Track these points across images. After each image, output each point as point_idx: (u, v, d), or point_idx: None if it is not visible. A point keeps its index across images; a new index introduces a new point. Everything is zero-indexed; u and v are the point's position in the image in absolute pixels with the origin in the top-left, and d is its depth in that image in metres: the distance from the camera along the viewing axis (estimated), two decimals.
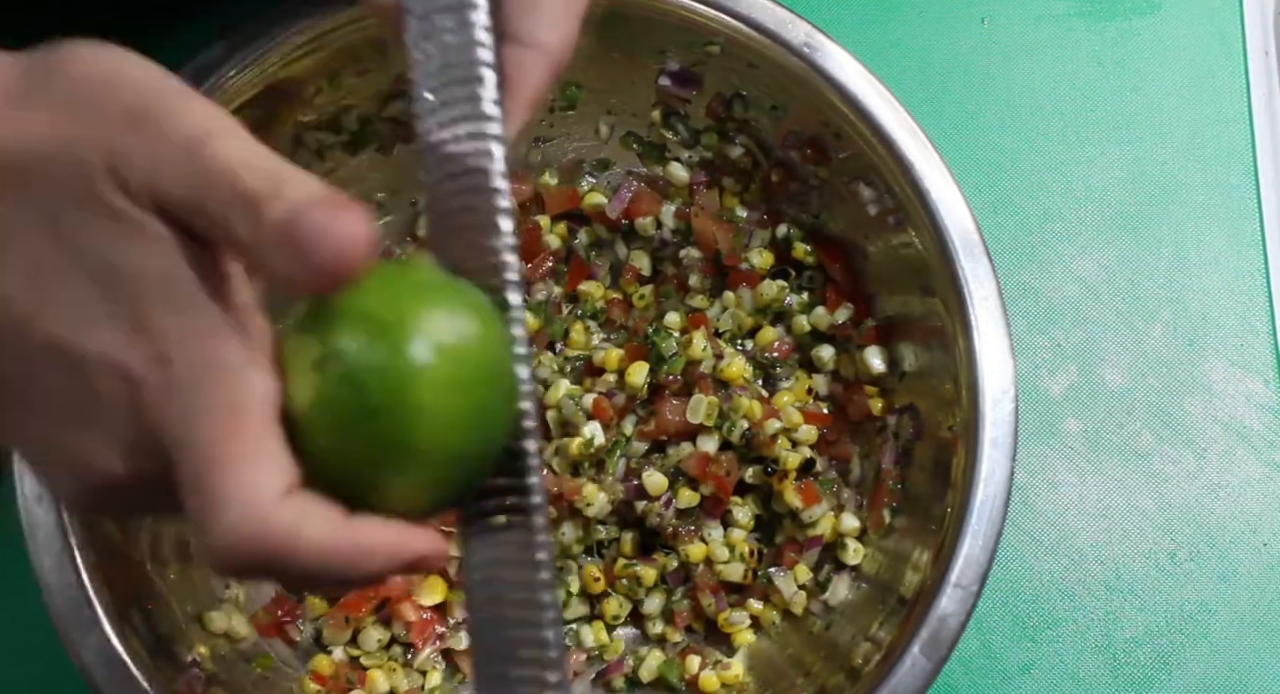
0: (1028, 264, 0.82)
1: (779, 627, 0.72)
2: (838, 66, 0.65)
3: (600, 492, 0.70)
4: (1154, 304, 0.82)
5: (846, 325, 0.72)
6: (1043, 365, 0.81)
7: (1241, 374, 0.80)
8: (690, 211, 0.75)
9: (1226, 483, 0.79)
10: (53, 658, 0.59)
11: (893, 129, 0.64)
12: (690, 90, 0.71)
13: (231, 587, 0.70)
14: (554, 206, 0.77)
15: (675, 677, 0.71)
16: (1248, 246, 0.82)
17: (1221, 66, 0.86)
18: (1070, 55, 0.86)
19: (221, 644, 0.67)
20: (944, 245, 0.63)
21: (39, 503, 0.58)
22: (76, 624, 0.57)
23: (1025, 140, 0.84)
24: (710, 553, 0.72)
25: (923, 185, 0.64)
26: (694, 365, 0.72)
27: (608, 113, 0.75)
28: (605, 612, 0.73)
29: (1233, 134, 0.84)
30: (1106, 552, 0.78)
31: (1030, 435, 0.79)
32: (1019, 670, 0.76)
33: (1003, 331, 0.62)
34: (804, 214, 0.73)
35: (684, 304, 0.76)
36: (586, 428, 0.70)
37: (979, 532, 0.60)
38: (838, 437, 0.73)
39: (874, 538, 0.70)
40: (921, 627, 0.60)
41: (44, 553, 0.58)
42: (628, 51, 0.70)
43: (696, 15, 0.66)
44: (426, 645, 0.71)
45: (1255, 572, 0.77)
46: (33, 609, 0.59)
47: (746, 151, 0.73)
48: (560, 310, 0.76)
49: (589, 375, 0.74)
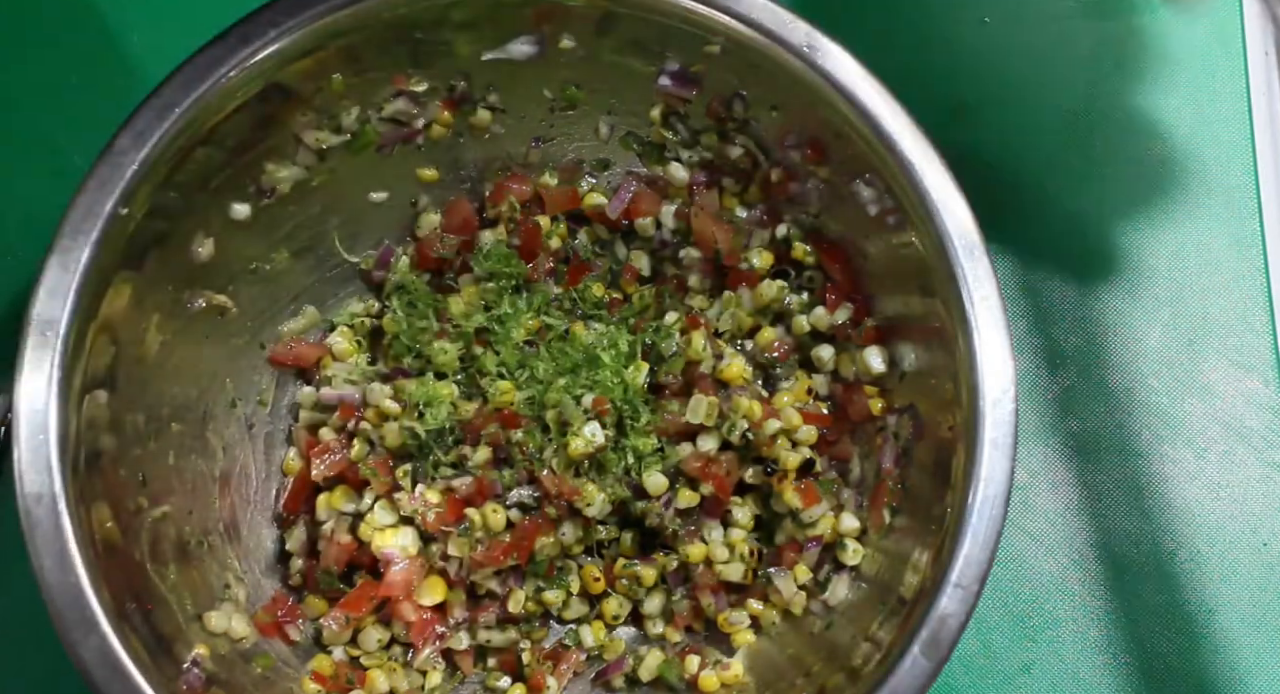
0: (1028, 264, 0.82)
1: (779, 627, 0.72)
2: (838, 66, 0.65)
3: (600, 492, 0.70)
4: (1154, 304, 0.82)
5: (846, 325, 0.72)
6: (1043, 365, 0.81)
7: (1241, 374, 0.80)
8: (690, 211, 0.75)
9: (1226, 483, 0.79)
10: (53, 658, 0.59)
11: (893, 129, 0.64)
12: (690, 90, 0.71)
13: (231, 586, 0.70)
14: (554, 206, 0.77)
15: (675, 676, 0.71)
16: (1248, 246, 0.82)
17: (1221, 66, 0.86)
18: (1070, 55, 0.86)
19: (221, 644, 0.67)
20: (944, 245, 0.63)
21: (39, 503, 0.58)
22: (76, 624, 0.58)
23: (1025, 140, 0.84)
24: (710, 553, 0.72)
25: (923, 185, 0.64)
26: (694, 365, 0.72)
27: (608, 113, 0.75)
28: (605, 612, 0.73)
29: (1233, 134, 0.84)
30: (1106, 552, 0.78)
31: (1030, 435, 0.79)
32: (1019, 670, 0.76)
33: (1003, 332, 0.62)
34: (804, 214, 0.73)
35: (684, 304, 0.76)
36: (587, 428, 0.70)
37: (979, 532, 0.60)
38: (838, 437, 0.73)
39: (874, 538, 0.70)
40: (921, 627, 0.60)
41: (44, 553, 0.58)
42: (628, 51, 0.70)
43: (696, 15, 0.66)
44: (426, 645, 0.71)
45: (1255, 572, 0.77)
46: (33, 609, 0.59)
47: (746, 152, 0.73)
48: (560, 310, 0.76)
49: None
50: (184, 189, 0.65)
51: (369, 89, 0.70)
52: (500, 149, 0.76)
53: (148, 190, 0.63)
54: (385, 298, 0.77)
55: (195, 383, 0.71)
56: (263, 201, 0.71)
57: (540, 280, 0.76)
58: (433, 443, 0.71)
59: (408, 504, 0.70)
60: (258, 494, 0.75)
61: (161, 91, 0.62)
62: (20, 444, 0.58)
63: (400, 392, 0.72)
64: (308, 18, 0.64)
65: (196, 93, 0.63)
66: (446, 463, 0.71)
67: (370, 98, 0.71)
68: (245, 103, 0.65)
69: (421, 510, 0.69)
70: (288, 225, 0.73)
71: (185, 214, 0.67)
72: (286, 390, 0.77)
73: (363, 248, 0.77)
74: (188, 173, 0.65)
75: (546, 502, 0.70)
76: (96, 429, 0.62)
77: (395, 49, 0.69)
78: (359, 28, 0.66)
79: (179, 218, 0.66)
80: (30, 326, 0.59)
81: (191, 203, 0.66)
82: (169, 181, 0.64)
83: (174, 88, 0.63)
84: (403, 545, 0.70)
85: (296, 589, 0.73)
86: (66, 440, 0.59)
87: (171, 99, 0.62)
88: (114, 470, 0.64)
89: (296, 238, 0.74)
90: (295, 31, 0.64)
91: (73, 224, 0.61)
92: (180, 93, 0.62)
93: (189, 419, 0.70)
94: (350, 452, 0.72)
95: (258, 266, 0.73)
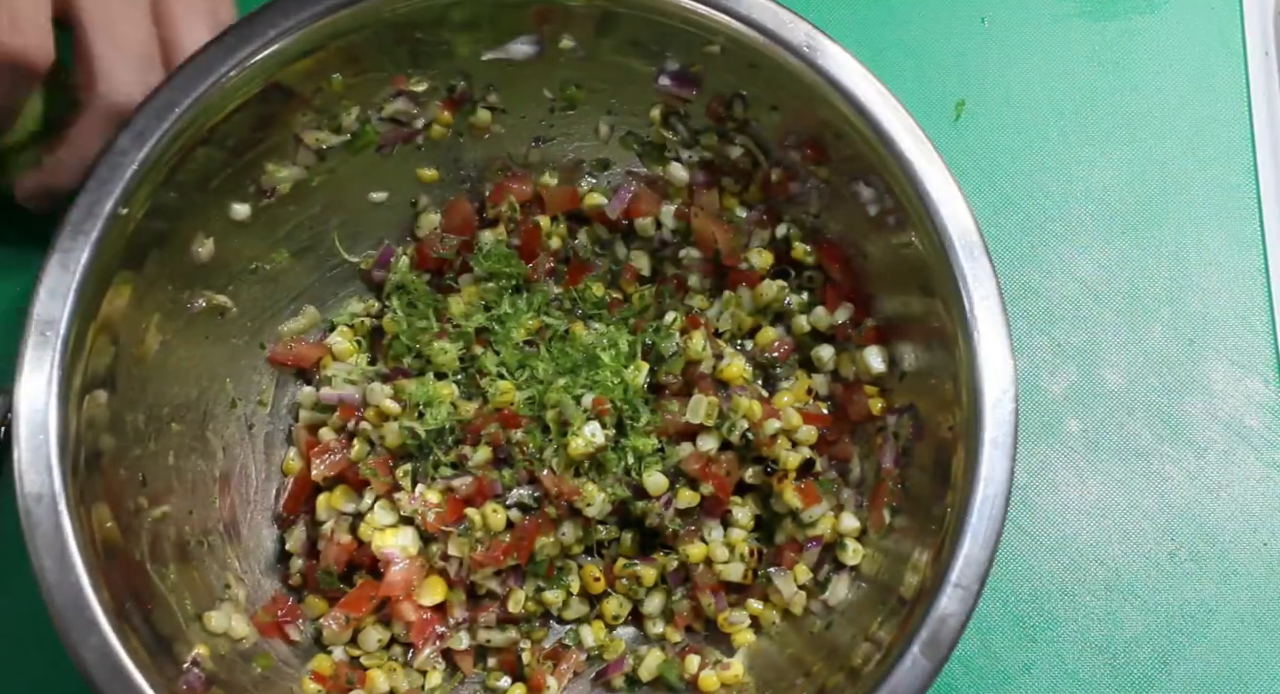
0: (1028, 264, 0.82)
1: (779, 627, 0.72)
2: (838, 66, 0.65)
3: (600, 492, 0.70)
4: (1154, 304, 0.82)
5: (846, 325, 0.72)
6: (1043, 365, 0.81)
7: (1241, 374, 0.80)
8: (690, 211, 0.75)
9: (1226, 483, 0.79)
10: (53, 658, 0.59)
11: (893, 129, 0.64)
12: (690, 90, 0.71)
13: (231, 586, 0.70)
14: (554, 206, 0.77)
15: (675, 676, 0.71)
16: (1248, 246, 0.82)
17: (1221, 66, 0.86)
18: (1070, 55, 0.86)
19: (221, 644, 0.67)
20: (944, 245, 0.63)
21: (39, 503, 0.58)
22: (76, 624, 0.57)
23: (1025, 140, 0.84)
24: (710, 553, 0.72)
25: (923, 185, 0.64)
26: (694, 365, 0.72)
27: (608, 113, 0.75)
28: (605, 612, 0.73)
29: (1233, 134, 0.84)
30: (1106, 552, 0.78)
31: (1030, 435, 0.79)
32: (1019, 670, 0.76)
33: (1003, 332, 0.62)
34: (804, 214, 0.73)
35: (684, 304, 0.76)
36: (587, 428, 0.70)
37: (979, 532, 0.60)
38: (838, 437, 0.73)
39: (874, 538, 0.70)
40: (921, 627, 0.60)
41: (44, 553, 0.58)
42: (628, 51, 0.70)
43: (696, 15, 0.66)
44: (426, 645, 0.71)
45: (1255, 572, 0.77)
46: (33, 609, 0.59)
47: (746, 151, 0.73)
48: (560, 310, 0.76)
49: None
50: (184, 189, 0.65)
51: (369, 89, 0.70)
52: (500, 149, 0.76)
53: (148, 190, 0.63)
54: (385, 298, 0.77)
55: (195, 383, 0.71)
56: (263, 201, 0.71)
57: (540, 280, 0.76)
58: (433, 443, 0.71)
59: (408, 504, 0.70)
60: (258, 494, 0.75)
61: (161, 91, 0.63)
62: (20, 444, 0.58)
63: (400, 392, 0.72)
64: (308, 18, 0.64)
65: (196, 93, 0.63)
66: (446, 463, 0.71)
67: (370, 98, 0.71)
68: (245, 103, 0.65)
69: (421, 510, 0.69)
70: (288, 225, 0.73)
71: (185, 214, 0.67)
72: (286, 390, 0.77)
73: (363, 248, 0.77)
74: (188, 173, 0.65)
75: (546, 502, 0.70)
76: (96, 429, 0.62)
77: (395, 49, 0.69)
78: (359, 28, 0.66)
79: (179, 218, 0.66)
80: (30, 326, 0.59)
81: (191, 203, 0.66)
82: (169, 181, 0.64)
83: (174, 88, 0.63)
84: (403, 545, 0.70)
85: (296, 589, 0.73)
86: (66, 440, 0.59)
87: (171, 99, 0.62)
88: (114, 470, 0.64)
89: (296, 238, 0.74)
90: (295, 31, 0.64)
91: (73, 224, 0.61)
92: (180, 93, 0.62)
93: (189, 419, 0.70)
94: (350, 452, 0.72)
95: (258, 266, 0.73)
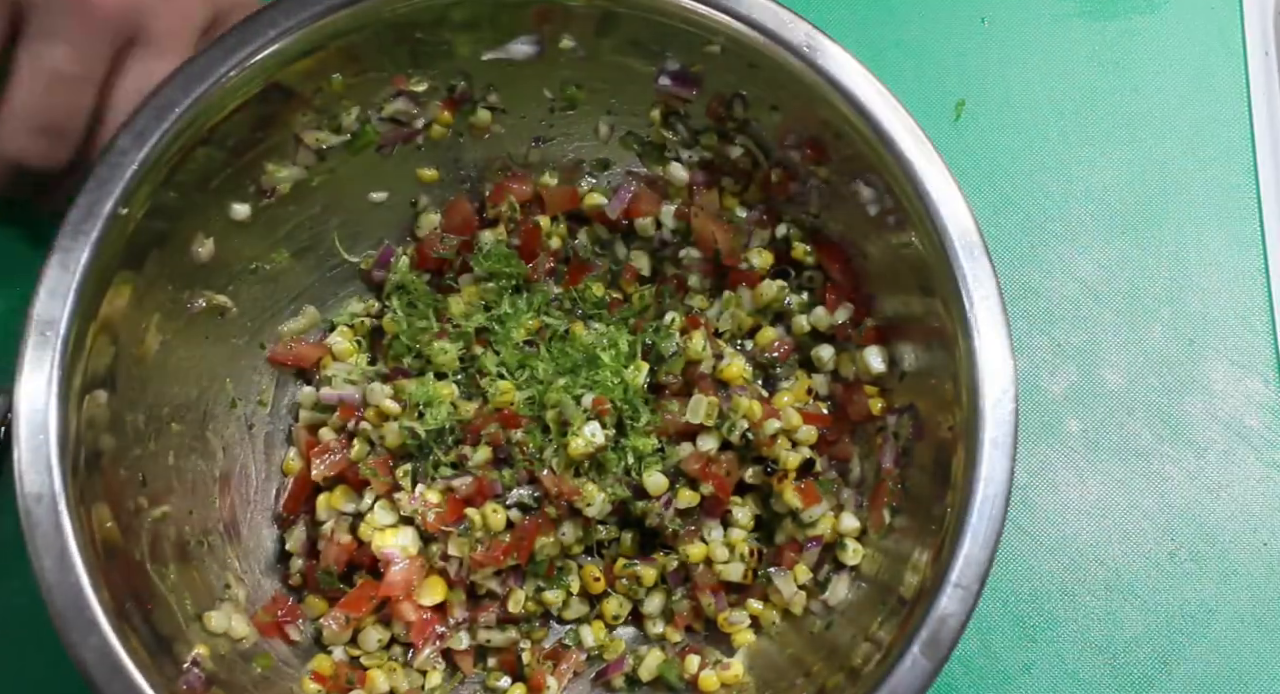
0: (1028, 264, 0.82)
1: (779, 627, 0.72)
2: (838, 66, 0.65)
3: (600, 492, 0.70)
4: (1154, 304, 0.82)
5: (846, 325, 0.72)
6: (1043, 365, 0.81)
7: (1241, 374, 0.80)
8: (690, 211, 0.75)
9: (1226, 483, 0.79)
10: (53, 658, 0.59)
11: (893, 129, 0.64)
12: (690, 90, 0.71)
13: (231, 586, 0.70)
14: (554, 206, 0.77)
15: (675, 676, 0.71)
16: (1248, 246, 0.82)
17: (1221, 66, 0.86)
18: (1070, 55, 0.86)
19: (221, 644, 0.67)
20: (944, 245, 0.63)
21: (39, 503, 0.58)
22: (76, 624, 0.57)
23: (1025, 140, 0.84)
24: (710, 553, 0.72)
25: (923, 185, 0.64)
26: (694, 365, 0.72)
27: (608, 113, 0.75)
28: (605, 612, 0.73)
29: (1233, 134, 0.84)
30: (1106, 552, 0.78)
31: (1030, 435, 0.79)
32: (1019, 670, 0.76)
33: (1003, 332, 0.62)
34: (804, 214, 0.73)
35: (684, 304, 0.76)
36: (587, 428, 0.70)
37: (979, 532, 0.60)
38: (838, 437, 0.73)
39: (874, 538, 0.70)
40: (921, 627, 0.59)
41: (44, 553, 0.58)
42: (628, 51, 0.70)
43: (696, 15, 0.66)
44: (426, 645, 0.71)
45: (1255, 572, 0.77)
46: (33, 609, 0.59)
47: (746, 151, 0.73)
48: (560, 310, 0.76)
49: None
50: (184, 189, 0.65)
51: (369, 89, 0.70)
52: (500, 149, 0.76)
53: (148, 190, 0.63)
54: (385, 298, 0.77)
55: (195, 383, 0.71)
56: (263, 201, 0.71)
57: (540, 280, 0.76)
58: (433, 443, 0.71)
59: (408, 504, 0.70)
60: (258, 494, 0.75)
61: (161, 91, 0.62)
62: (20, 444, 0.58)
63: (400, 392, 0.72)
64: (308, 18, 0.64)
65: (196, 93, 0.63)
66: (446, 463, 0.71)
67: (370, 98, 0.71)
68: (245, 103, 0.65)
69: (421, 510, 0.69)
70: (288, 225, 0.73)
71: (185, 214, 0.67)
72: (286, 390, 0.77)
73: (363, 248, 0.77)
74: (188, 173, 0.65)
75: (546, 502, 0.70)
76: (96, 429, 0.62)
77: (395, 49, 0.69)
78: (359, 28, 0.66)
79: (179, 218, 0.66)
80: (30, 326, 0.59)
81: (191, 203, 0.66)
82: (169, 181, 0.64)
83: (174, 88, 0.63)
84: (403, 545, 0.70)
85: (296, 589, 0.73)
86: (66, 440, 0.59)
87: (171, 99, 0.62)
88: (114, 470, 0.64)
89: (296, 238, 0.74)
90: (295, 31, 0.64)
91: (73, 224, 0.61)
92: (180, 93, 0.62)
93: (189, 419, 0.70)
94: (350, 452, 0.72)
95: (258, 266, 0.73)
